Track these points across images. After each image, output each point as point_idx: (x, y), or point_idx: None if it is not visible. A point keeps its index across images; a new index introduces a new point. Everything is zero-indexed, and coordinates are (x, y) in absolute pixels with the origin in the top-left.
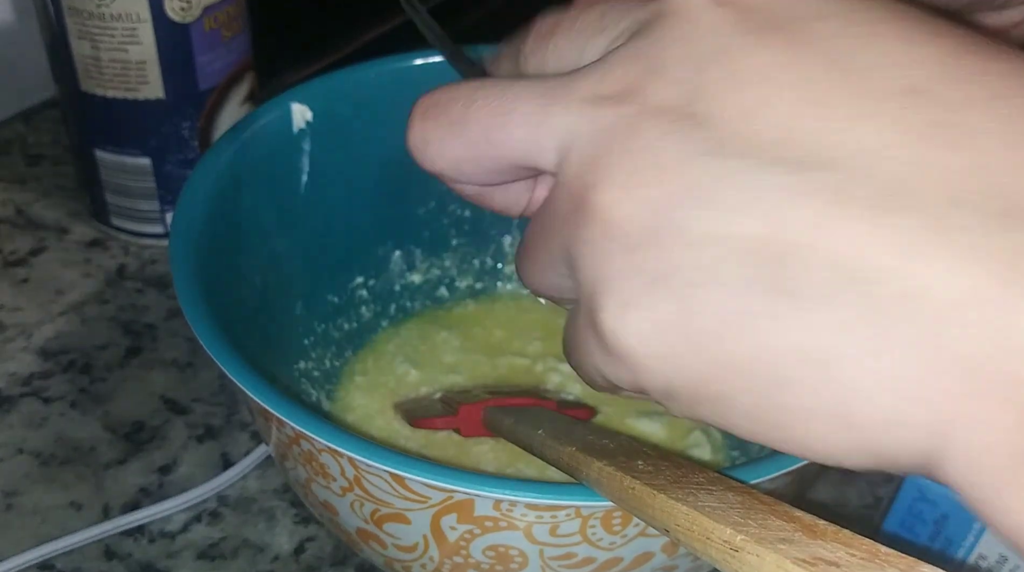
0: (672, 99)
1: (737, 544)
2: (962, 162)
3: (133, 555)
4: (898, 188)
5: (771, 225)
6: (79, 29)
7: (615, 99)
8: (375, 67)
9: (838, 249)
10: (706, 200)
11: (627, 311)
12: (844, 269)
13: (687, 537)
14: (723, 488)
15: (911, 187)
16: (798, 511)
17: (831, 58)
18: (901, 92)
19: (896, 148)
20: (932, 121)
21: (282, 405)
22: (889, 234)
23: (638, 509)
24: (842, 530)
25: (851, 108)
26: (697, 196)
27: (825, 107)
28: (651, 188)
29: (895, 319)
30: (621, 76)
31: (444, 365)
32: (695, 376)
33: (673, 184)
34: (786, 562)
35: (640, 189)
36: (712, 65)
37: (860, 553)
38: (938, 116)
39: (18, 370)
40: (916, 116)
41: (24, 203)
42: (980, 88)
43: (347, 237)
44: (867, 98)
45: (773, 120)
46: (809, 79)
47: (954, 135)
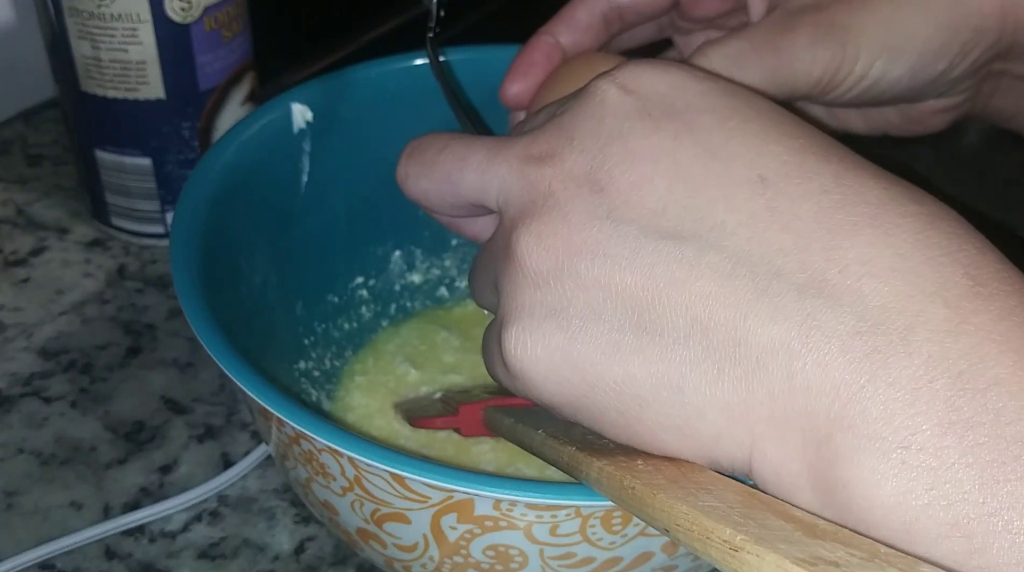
0: (581, 167)
1: (737, 544)
2: (786, 243)
3: (133, 555)
4: (740, 259)
5: (644, 278)
6: (79, 29)
7: (539, 159)
8: (375, 67)
9: (691, 302)
10: (598, 253)
11: (525, 337)
12: (695, 318)
13: (687, 537)
14: (723, 488)
15: (748, 260)
16: (798, 511)
17: (704, 147)
18: (752, 181)
19: (741, 227)
20: (771, 207)
21: (282, 405)
22: (728, 294)
23: (638, 509)
24: (842, 530)
25: (712, 191)
26: (592, 250)
27: (693, 188)
28: (557, 239)
29: (727, 359)
30: (545, 141)
31: (444, 365)
32: (576, 393)
33: (573, 238)
34: (786, 562)
35: (549, 239)
36: (614, 142)
37: (860, 553)
38: (777, 203)
39: (18, 370)
40: (759, 201)
41: (24, 203)
42: (812, 183)
43: (347, 237)
44: (725, 183)
45: (654, 195)
46: (684, 163)
47: (786, 220)
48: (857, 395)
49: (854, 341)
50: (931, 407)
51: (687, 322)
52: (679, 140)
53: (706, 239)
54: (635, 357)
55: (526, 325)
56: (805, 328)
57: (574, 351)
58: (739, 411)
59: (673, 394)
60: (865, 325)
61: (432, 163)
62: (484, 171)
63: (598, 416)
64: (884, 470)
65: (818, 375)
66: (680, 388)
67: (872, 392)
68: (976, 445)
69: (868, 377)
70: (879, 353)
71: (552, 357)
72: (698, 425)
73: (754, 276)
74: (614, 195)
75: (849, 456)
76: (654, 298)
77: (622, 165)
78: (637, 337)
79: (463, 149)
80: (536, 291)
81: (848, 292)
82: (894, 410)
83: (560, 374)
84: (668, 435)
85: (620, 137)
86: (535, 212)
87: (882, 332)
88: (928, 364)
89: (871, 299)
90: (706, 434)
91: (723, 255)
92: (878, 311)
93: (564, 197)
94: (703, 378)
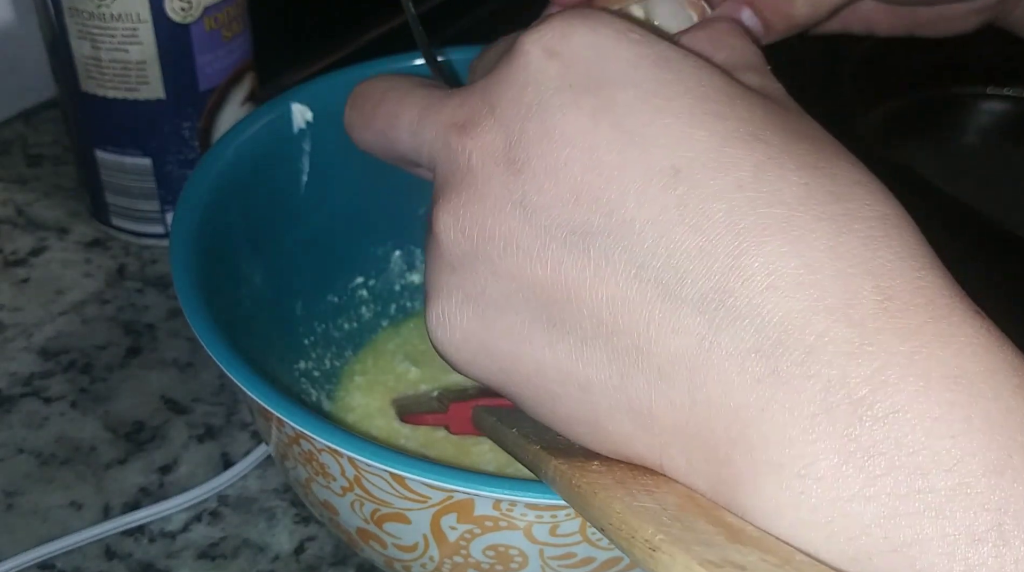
0: (499, 142)
1: (655, 544)
2: (693, 246)
3: (133, 555)
4: (645, 262)
5: (553, 275)
6: (79, 29)
7: (462, 128)
8: (375, 67)
9: (597, 304)
10: (511, 243)
11: (443, 320)
12: (601, 320)
13: (616, 536)
14: (666, 491)
15: (653, 262)
16: (732, 516)
17: (622, 130)
18: (665, 172)
19: (649, 226)
20: (681, 203)
21: (282, 405)
22: (632, 299)
23: (581, 508)
24: (768, 536)
25: (624, 182)
26: (504, 238)
27: (606, 178)
28: (473, 222)
29: (631, 365)
30: (470, 107)
31: (444, 364)
32: (497, 379)
33: (487, 223)
34: (693, 563)
35: (465, 220)
36: (533, 117)
37: (773, 559)
38: (688, 199)
39: (18, 370)
40: (671, 196)
41: (24, 203)
42: (728, 177)
43: (347, 237)
44: (639, 174)
45: (567, 183)
46: (600, 148)
47: (695, 219)
48: (756, 418)
49: (753, 360)
50: (830, 435)
51: (593, 324)
52: (597, 120)
53: (614, 237)
54: (545, 351)
55: (444, 308)
56: (706, 342)
57: (489, 339)
58: (645, 418)
59: (581, 393)
60: (765, 343)
61: (370, 117)
62: (414, 134)
63: (517, 400)
64: (783, 499)
65: (718, 393)
66: (587, 388)
67: (770, 416)
68: (876, 476)
69: (767, 401)
70: (777, 375)
71: (470, 342)
72: (608, 425)
73: (658, 281)
74: (529, 179)
75: (749, 481)
76: (563, 295)
77: (539, 145)
78: (547, 332)
79: (395, 105)
80: (453, 274)
81: (749, 306)
82: (792, 437)
83: (479, 360)
84: (582, 429)
85: (540, 111)
86: (455, 186)
87: (782, 353)
88: (827, 389)
89: (772, 315)
90: (617, 434)
91: (629, 256)
92: (778, 329)
93: (482, 175)
94: (608, 381)
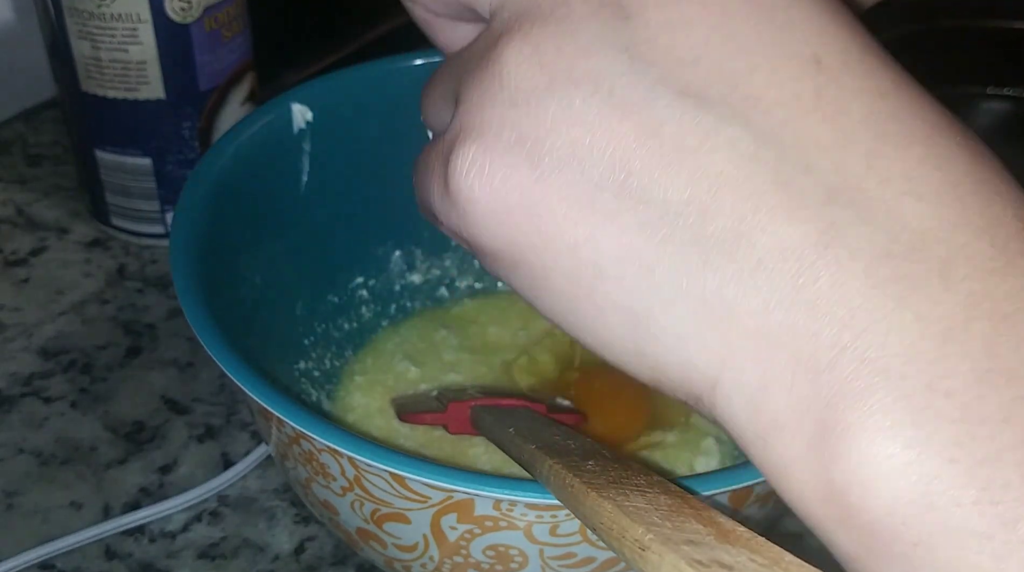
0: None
1: (645, 543)
2: (826, 137)
3: (133, 555)
4: (767, 142)
5: (647, 136)
6: (79, 29)
7: None
8: (375, 67)
9: (695, 177)
10: (601, 88)
11: (484, 159)
12: (694, 197)
13: (607, 535)
14: (659, 491)
15: (777, 145)
16: (723, 517)
17: (760, 5)
18: (805, 59)
19: (778, 107)
20: (819, 93)
21: (282, 405)
22: (743, 178)
23: (574, 507)
24: (757, 537)
25: (756, 57)
26: (595, 82)
27: (736, 47)
28: (558, 57)
29: (721, 252)
30: None
31: (444, 363)
32: (522, 244)
33: (578, 62)
34: (681, 562)
35: (548, 54)
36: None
37: (761, 559)
38: (826, 91)
39: (18, 370)
40: (808, 83)
41: (24, 203)
42: (869, 81)
43: (347, 237)
44: (774, 54)
45: (688, 42)
46: (734, 16)
47: (831, 112)
48: (878, 323)
49: (882, 263)
50: (967, 349)
51: (683, 199)
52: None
53: (734, 109)
54: (608, 222)
55: (489, 145)
56: (826, 237)
57: (537, 193)
58: (718, 315)
59: (640, 274)
60: (898, 248)
61: None
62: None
63: (539, 277)
64: (900, 415)
65: (831, 293)
66: (651, 269)
67: (897, 322)
68: (1017, 399)
69: (894, 305)
70: (910, 281)
71: (509, 193)
72: (660, 318)
73: (779, 167)
74: (640, 28)
75: (856, 394)
76: (652, 161)
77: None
78: (618, 199)
79: None
80: (512, 109)
81: (885, 208)
82: (921, 347)
83: (512, 216)
84: (616, 319)
85: None
86: (538, 19)
87: (917, 259)
88: (968, 302)
89: (910, 221)
90: (665, 332)
91: (748, 132)
92: (916, 236)
93: (580, 13)
94: (684, 265)
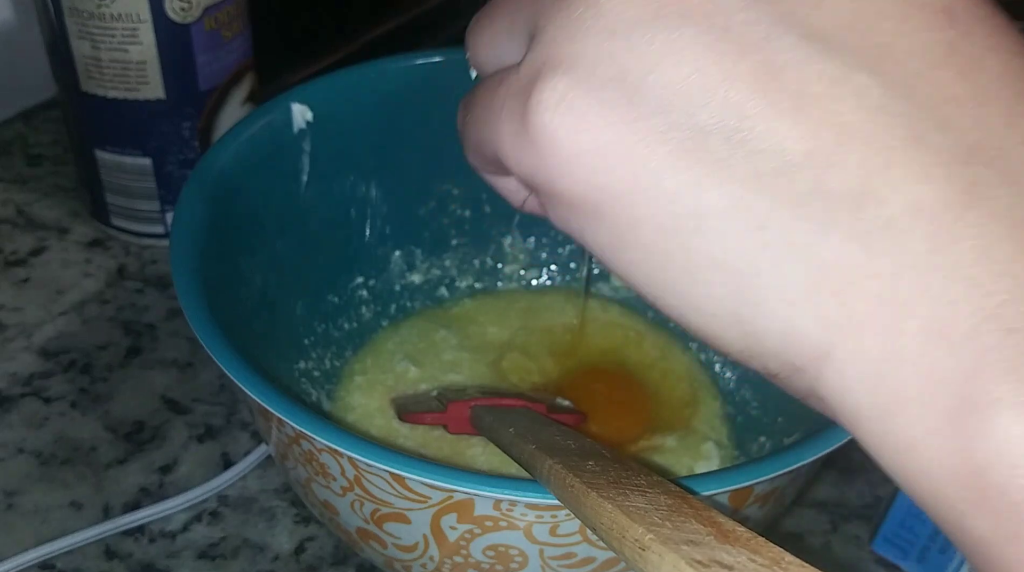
0: None
1: (645, 543)
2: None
3: (133, 555)
4: (898, 93)
5: (765, 78)
6: (79, 29)
7: None
8: (375, 67)
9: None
10: (715, 24)
11: (575, 94)
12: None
13: (607, 535)
14: (659, 492)
15: (910, 96)
16: (723, 517)
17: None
18: (937, 8)
19: (909, 57)
20: (952, 46)
21: (282, 405)
22: (871, 130)
23: (574, 507)
24: (757, 538)
25: (883, 4)
26: (709, 16)
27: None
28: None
29: (845, 210)
30: None
31: (443, 363)
32: (613, 190)
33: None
34: (681, 562)
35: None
36: None
37: (761, 560)
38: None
39: (18, 370)
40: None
41: (24, 203)
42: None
43: (347, 237)
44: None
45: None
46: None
47: (966, 65)
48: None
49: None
50: None
51: (804, 149)
52: None
53: (862, 56)
54: (716, 170)
55: (582, 79)
56: (966, 197)
57: (636, 134)
58: (838, 277)
59: (748, 228)
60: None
61: None
62: None
63: (625, 230)
64: None
65: (972, 257)
66: (763, 223)
67: None
68: None
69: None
70: None
71: (603, 133)
72: (767, 279)
73: (912, 118)
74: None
75: (1002, 366)
76: (770, 106)
77: None
78: (728, 146)
79: None
80: (610, 40)
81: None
82: None
83: (604, 158)
84: (714, 278)
85: None
86: None
87: None
88: None
89: None
90: (771, 295)
91: (877, 81)
92: None
93: None
94: (801, 221)
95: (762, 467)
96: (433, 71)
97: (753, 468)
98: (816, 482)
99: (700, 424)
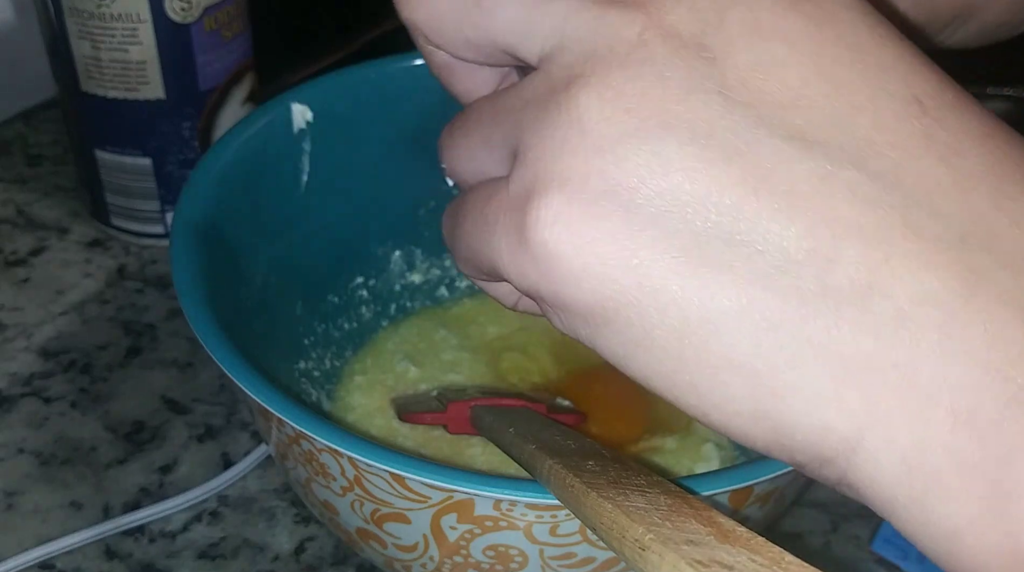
0: (687, 25)
1: (645, 543)
2: (945, 178)
3: (133, 555)
4: (888, 185)
5: (756, 181)
6: (79, 29)
7: (627, 3)
8: (375, 67)
9: (814, 225)
10: (699, 135)
11: (571, 213)
12: (816, 248)
13: (607, 535)
14: (659, 492)
15: (900, 187)
16: (723, 517)
17: (851, 46)
18: (906, 100)
19: (891, 147)
20: (928, 134)
21: (282, 405)
22: (868, 225)
23: (574, 507)
24: (757, 537)
25: (858, 97)
26: (691, 127)
27: (835, 88)
28: (646, 101)
29: (852, 305)
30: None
31: (443, 363)
32: (618, 301)
33: (669, 106)
34: (681, 562)
35: (632, 99)
36: (737, 6)
37: (761, 560)
38: (934, 132)
39: (18, 370)
40: (915, 124)
41: (24, 203)
42: (972, 122)
43: (347, 237)
44: (874, 95)
45: (783, 84)
46: (827, 57)
47: (945, 152)
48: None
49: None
50: None
51: (803, 247)
52: (820, 27)
53: (846, 152)
54: (721, 273)
55: (575, 196)
56: (969, 284)
57: (636, 247)
58: (858, 370)
59: (762, 329)
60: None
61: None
62: (534, 5)
63: (638, 335)
64: None
65: (985, 342)
66: (775, 323)
67: None
68: None
69: None
70: None
71: (603, 246)
72: (787, 376)
73: (902, 208)
74: (729, 70)
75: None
76: (764, 208)
77: (745, 38)
78: (730, 249)
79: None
80: (598, 156)
81: (1022, 252)
82: None
83: (606, 271)
84: (732, 379)
85: (745, 2)
86: (614, 62)
87: None
88: None
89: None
90: (793, 392)
91: (864, 175)
92: None
93: (662, 53)
94: (813, 318)
95: (762, 467)
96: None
97: (753, 468)
98: (816, 482)
99: (700, 425)
